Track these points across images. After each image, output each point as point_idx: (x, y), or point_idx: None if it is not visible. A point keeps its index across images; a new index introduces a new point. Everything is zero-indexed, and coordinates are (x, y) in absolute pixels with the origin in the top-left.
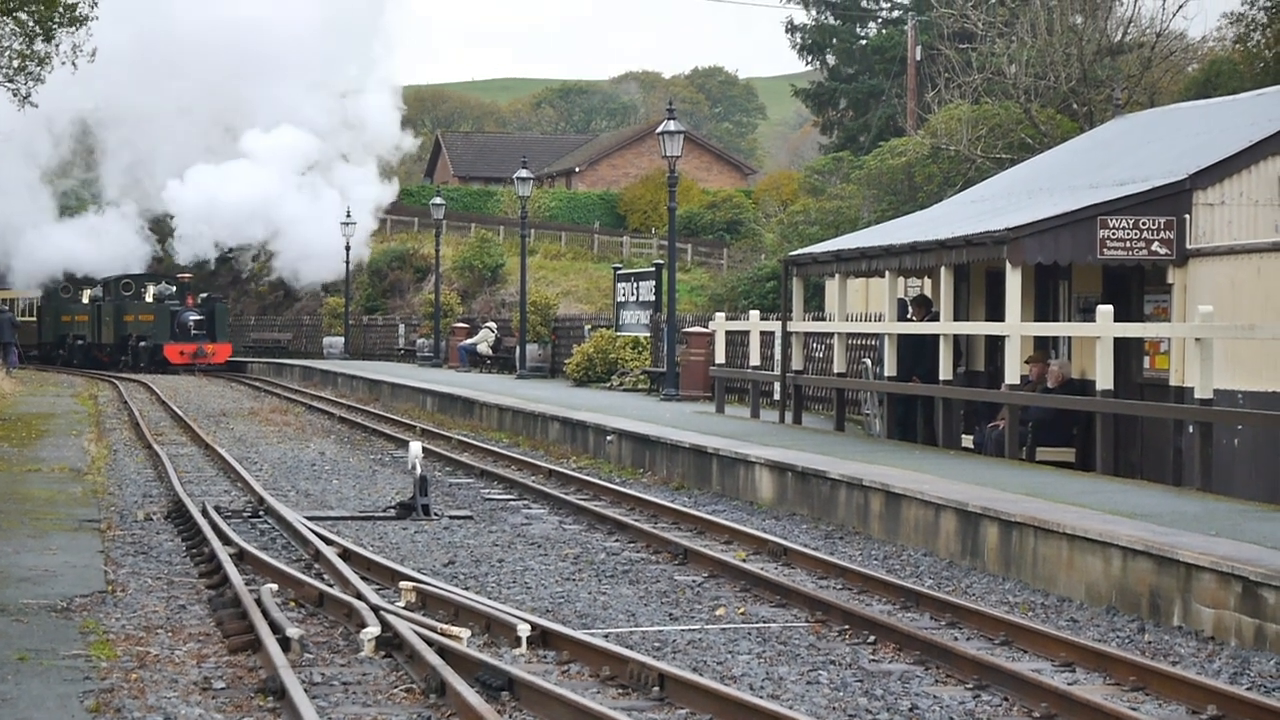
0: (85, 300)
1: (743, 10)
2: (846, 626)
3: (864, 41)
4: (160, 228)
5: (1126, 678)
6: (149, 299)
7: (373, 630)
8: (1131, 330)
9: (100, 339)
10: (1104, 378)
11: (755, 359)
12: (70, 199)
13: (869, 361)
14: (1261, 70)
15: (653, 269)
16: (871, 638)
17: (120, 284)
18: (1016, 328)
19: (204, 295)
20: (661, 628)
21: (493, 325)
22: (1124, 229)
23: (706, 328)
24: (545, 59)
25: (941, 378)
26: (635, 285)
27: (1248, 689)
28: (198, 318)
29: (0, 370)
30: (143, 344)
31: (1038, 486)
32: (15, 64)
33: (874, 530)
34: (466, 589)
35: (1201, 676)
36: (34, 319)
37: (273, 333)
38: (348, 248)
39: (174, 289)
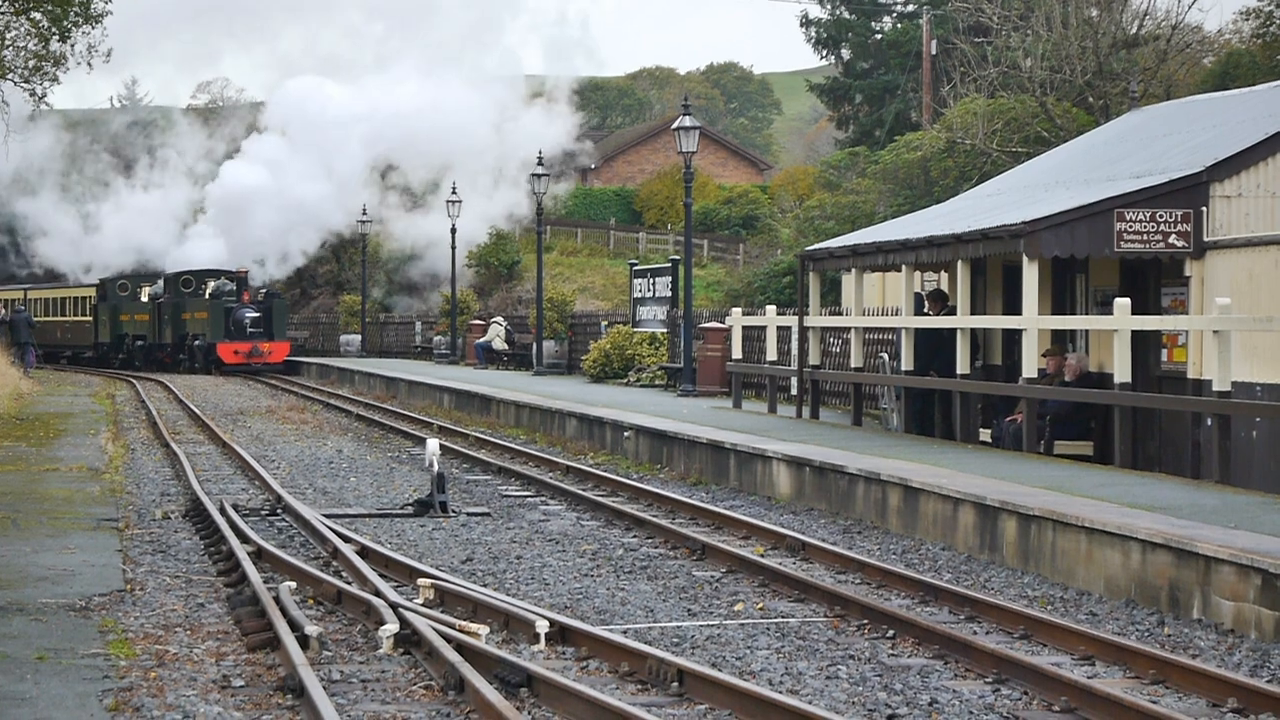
0: (145, 299)
1: (757, 5)
2: (865, 621)
3: (879, 36)
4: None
5: (1146, 671)
6: (208, 296)
7: (391, 627)
8: (1149, 323)
9: (161, 339)
10: (1122, 371)
11: (772, 354)
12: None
13: (886, 356)
14: (1279, 62)
15: (669, 265)
16: (890, 632)
17: (180, 280)
18: (1034, 321)
19: (263, 290)
20: (680, 623)
21: (501, 320)
22: (1141, 222)
23: (723, 323)
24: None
25: (959, 372)
26: (652, 281)
27: (1268, 682)
28: (255, 315)
29: (18, 371)
30: (197, 343)
31: (1056, 480)
32: (31, 64)
33: (892, 525)
34: (485, 586)
35: (1222, 669)
36: (89, 319)
37: (289, 330)
38: (364, 245)
39: (233, 285)
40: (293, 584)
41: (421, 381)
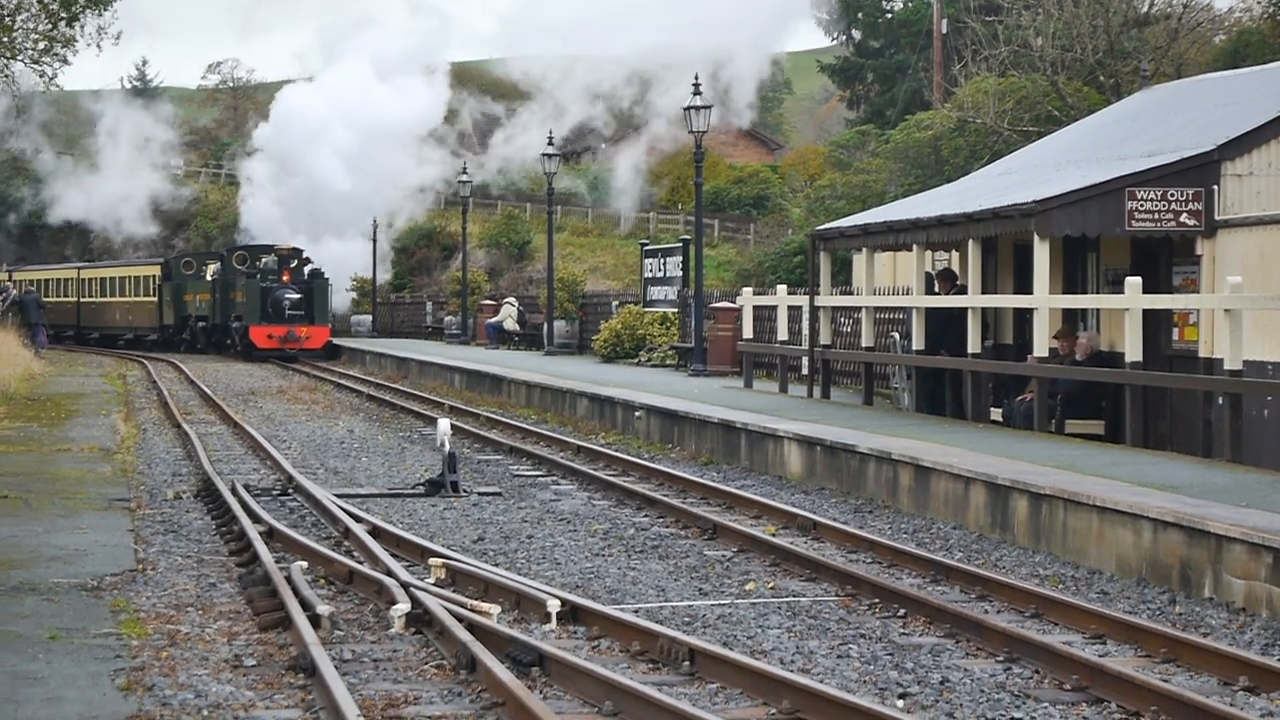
0: (209, 277)
1: None
2: (876, 600)
3: (890, 15)
4: None
5: (1158, 650)
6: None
7: (403, 607)
8: (1160, 302)
9: (216, 320)
10: (1133, 350)
11: (783, 334)
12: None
13: (897, 335)
14: None
15: (680, 244)
16: (902, 611)
17: (235, 256)
18: (1045, 300)
19: (311, 268)
20: (691, 602)
21: (513, 300)
22: (1152, 200)
23: (734, 303)
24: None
25: (970, 351)
26: (663, 261)
27: (1279, 660)
28: (294, 296)
29: (29, 351)
30: (235, 325)
31: (1067, 459)
32: (41, 46)
33: (903, 504)
34: (496, 565)
35: (1233, 648)
36: (153, 299)
37: None
38: (374, 224)
39: (276, 262)
40: (304, 564)
41: (432, 362)
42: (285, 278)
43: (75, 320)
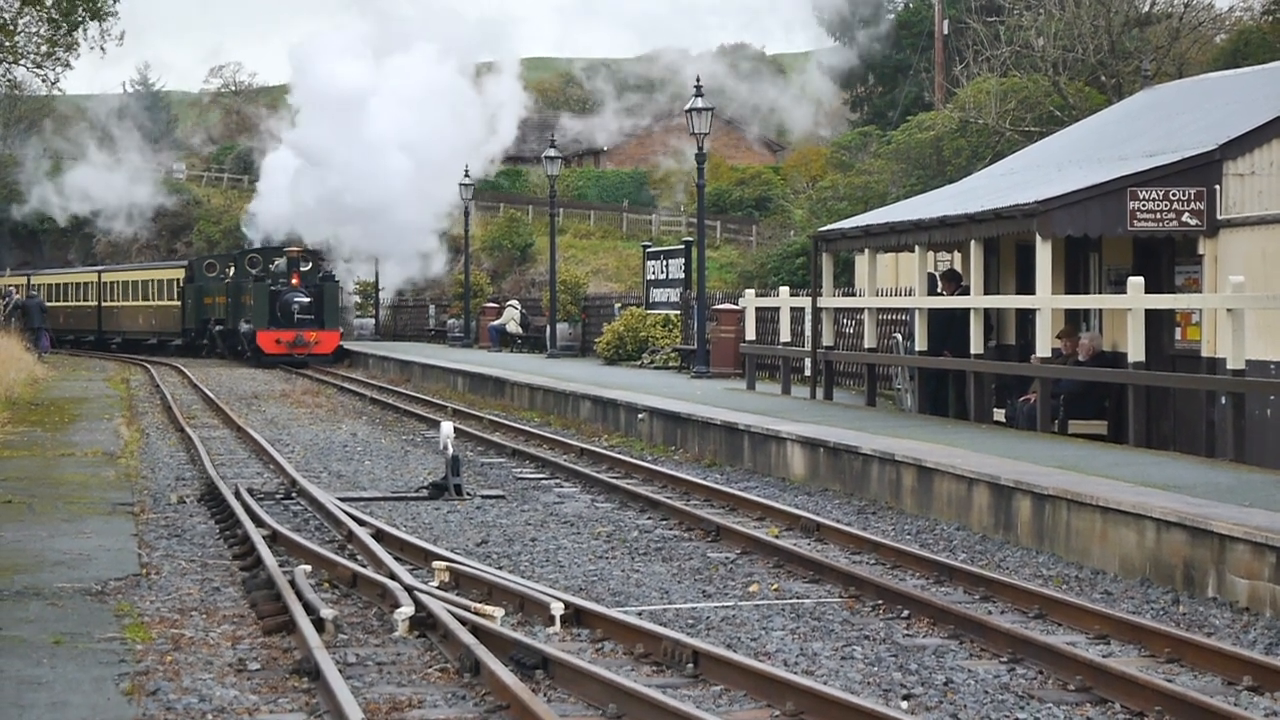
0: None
1: None
2: (880, 601)
3: (891, 16)
4: None
5: (1161, 650)
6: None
7: (406, 610)
8: (1163, 302)
9: (230, 324)
10: (1135, 350)
11: (786, 335)
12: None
13: (900, 336)
14: None
15: (682, 246)
16: (905, 612)
17: (246, 259)
18: (1047, 300)
19: (324, 273)
20: (695, 605)
21: (515, 303)
22: (1154, 200)
23: (736, 305)
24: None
25: (972, 352)
26: (665, 263)
27: None
28: (304, 300)
29: (32, 356)
30: (244, 329)
31: (1070, 459)
32: (43, 50)
33: (906, 505)
34: (499, 568)
35: (1237, 648)
36: (176, 303)
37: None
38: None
39: (285, 264)
40: (308, 567)
41: (435, 365)
42: (295, 281)
43: (96, 325)
